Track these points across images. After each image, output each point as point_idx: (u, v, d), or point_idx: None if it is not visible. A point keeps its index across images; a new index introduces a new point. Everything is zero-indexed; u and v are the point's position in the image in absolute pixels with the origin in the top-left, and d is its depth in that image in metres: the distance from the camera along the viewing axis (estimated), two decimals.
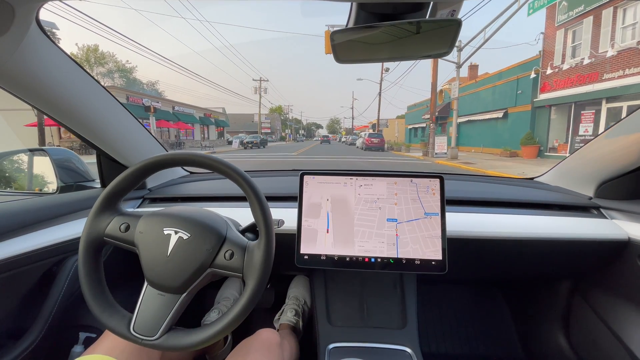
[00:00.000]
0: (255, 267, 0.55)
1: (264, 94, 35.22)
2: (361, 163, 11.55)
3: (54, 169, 1.08)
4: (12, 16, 0.51)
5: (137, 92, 21.34)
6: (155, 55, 37.44)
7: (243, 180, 0.57)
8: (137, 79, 34.60)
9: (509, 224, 0.87)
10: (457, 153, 12.44)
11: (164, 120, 19.90)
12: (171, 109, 22.19)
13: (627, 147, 0.81)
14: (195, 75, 36.96)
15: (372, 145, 20.59)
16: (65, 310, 0.76)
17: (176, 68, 30.21)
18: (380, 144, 20.86)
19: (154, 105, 18.01)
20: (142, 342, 0.54)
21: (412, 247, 0.75)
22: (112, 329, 0.55)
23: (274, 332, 0.80)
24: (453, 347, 1.26)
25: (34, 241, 0.71)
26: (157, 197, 1.05)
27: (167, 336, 0.54)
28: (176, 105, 23.20)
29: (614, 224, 0.86)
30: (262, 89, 35.08)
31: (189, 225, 0.58)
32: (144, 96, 20.14)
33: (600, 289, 0.95)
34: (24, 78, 0.64)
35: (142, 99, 18.86)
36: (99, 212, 0.59)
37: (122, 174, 0.59)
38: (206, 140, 26.70)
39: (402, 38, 0.52)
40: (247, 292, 0.54)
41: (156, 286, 0.56)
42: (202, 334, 0.54)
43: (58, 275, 0.76)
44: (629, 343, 0.81)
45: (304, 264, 0.77)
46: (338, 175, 0.80)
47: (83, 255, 0.57)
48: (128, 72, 33.26)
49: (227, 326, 0.54)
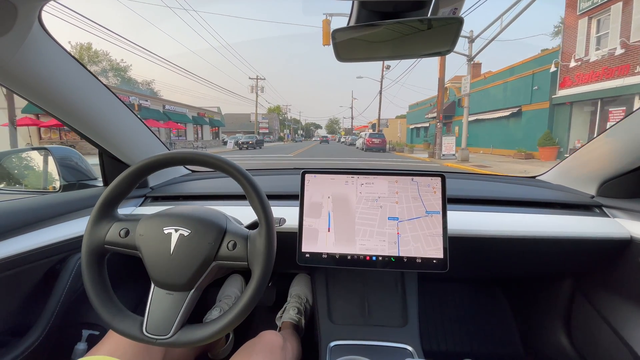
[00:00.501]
0: (259, 253, 0.56)
1: (260, 93, 34.54)
2: (363, 166, 11.30)
3: (57, 168, 1.09)
4: (14, 15, 0.51)
5: (124, 90, 20.71)
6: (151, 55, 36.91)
7: (237, 172, 0.57)
8: (132, 78, 33.98)
9: (510, 222, 0.87)
10: (468, 155, 11.69)
11: (153, 120, 18.98)
12: (161, 107, 20.85)
13: (630, 146, 0.80)
14: (191, 75, 36.54)
15: (373, 146, 19.80)
16: (69, 308, 0.77)
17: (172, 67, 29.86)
18: (382, 144, 19.97)
19: (141, 104, 17.45)
20: (157, 341, 0.54)
21: (413, 245, 0.75)
22: (125, 333, 0.55)
23: (277, 334, 0.80)
24: (454, 345, 1.26)
25: (37, 239, 0.71)
26: (159, 195, 1.05)
27: (181, 333, 0.55)
28: (167, 104, 21.93)
29: (616, 223, 0.86)
30: (259, 87, 34.31)
31: (188, 222, 0.58)
32: (132, 94, 19.33)
33: (602, 288, 0.95)
34: (27, 77, 0.64)
35: (130, 97, 18.12)
36: (96, 221, 0.59)
37: (116, 180, 0.59)
38: (199, 140, 25.51)
39: (403, 36, 0.52)
40: (254, 278, 0.55)
41: (163, 286, 0.57)
42: (215, 325, 0.55)
43: (61, 273, 0.76)
44: (631, 341, 0.81)
45: (306, 262, 0.77)
46: (339, 174, 0.80)
47: (86, 266, 0.57)
48: (122, 71, 32.71)
49: (239, 314, 0.54)
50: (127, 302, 0.60)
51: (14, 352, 0.67)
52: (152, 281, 0.57)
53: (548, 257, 0.92)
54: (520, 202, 0.95)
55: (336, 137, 70.43)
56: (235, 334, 1.13)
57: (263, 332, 0.78)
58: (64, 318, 0.75)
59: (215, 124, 29.81)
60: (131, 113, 0.94)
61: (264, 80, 35.41)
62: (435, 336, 1.29)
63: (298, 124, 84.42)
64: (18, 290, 0.71)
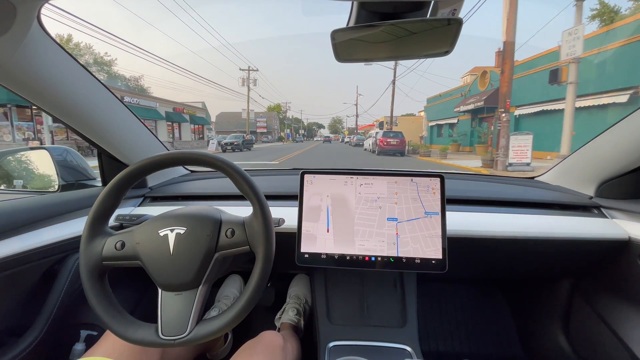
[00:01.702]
0: (259, 233, 0.56)
1: (253, 86, 31.05)
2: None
3: (55, 167, 1.09)
4: (13, 15, 0.51)
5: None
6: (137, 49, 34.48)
7: (230, 167, 0.58)
8: (118, 74, 31.62)
9: (509, 223, 0.87)
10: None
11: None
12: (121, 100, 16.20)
13: (628, 147, 0.80)
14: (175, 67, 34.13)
15: (388, 148, 15.23)
16: (67, 308, 0.76)
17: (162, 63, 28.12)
18: (400, 145, 15.23)
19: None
20: (175, 342, 0.54)
21: (412, 246, 0.75)
22: (142, 341, 0.54)
23: (277, 334, 0.80)
24: (453, 346, 1.27)
25: (35, 239, 0.71)
26: (157, 195, 1.05)
27: (197, 329, 0.55)
28: (132, 96, 17.80)
29: (615, 224, 0.86)
30: (252, 80, 31.11)
31: (182, 220, 0.58)
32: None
33: (600, 289, 0.95)
34: (25, 77, 0.64)
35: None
36: (89, 239, 0.58)
37: (104, 192, 0.58)
38: (177, 140, 21.61)
39: (403, 37, 0.52)
40: (259, 259, 0.56)
41: (170, 288, 0.56)
42: (229, 313, 0.55)
43: (59, 274, 0.76)
44: (629, 343, 0.81)
45: (305, 262, 0.77)
46: (338, 174, 0.80)
47: (89, 285, 0.56)
48: (106, 65, 30.66)
49: (250, 300, 0.55)
50: (123, 306, 0.59)
51: (11, 353, 0.67)
52: (158, 286, 0.57)
53: (546, 258, 0.92)
54: (519, 203, 0.96)
55: (339, 137, 68.77)
56: (234, 334, 1.13)
57: (263, 332, 0.78)
58: (62, 318, 0.75)
59: (197, 121, 25.35)
60: (130, 113, 0.94)
61: (256, 72, 32.33)
62: (434, 337, 1.29)
63: (299, 123, 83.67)
64: (16, 290, 0.70)
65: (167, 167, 0.60)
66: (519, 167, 8.02)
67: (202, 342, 0.55)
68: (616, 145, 0.84)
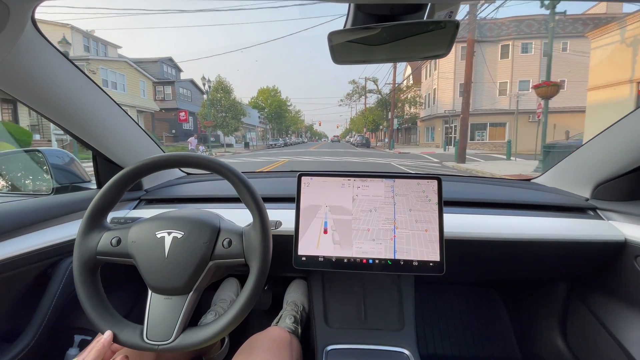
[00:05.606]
0: (256, 247, 0.55)
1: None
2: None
3: (50, 170, 1.08)
4: (7, 15, 0.51)
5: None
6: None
7: (229, 171, 0.57)
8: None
9: (506, 225, 0.87)
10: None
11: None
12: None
13: (624, 148, 0.81)
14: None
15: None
16: (60, 313, 0.75)
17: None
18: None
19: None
20: (159, 347, 0.53)
21: (409, 248, 0.75)
22: (125, 343, 0.54)
23: (284, 330, 0.80)
24: (451, 349, 1.26)
25: (28, 242, 0.70)
26: (153, 198, 1.04)
27: (182, 336, 0.54)
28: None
29: (611, 225, 0.86)
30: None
31: (181, 224, 0.57)
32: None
33: (597, 290, 0.96)
34: (19, 78, 0.63)
35: None
36: (86, 232, 0.57)
37: (104, 188, 0.58)
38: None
39: (400, 39, 0.52)
40: (253, 273, 0.55)
41: (160, 291, 0.56)
42: (216, 325, 0.54)
43: (53, 277, 0.75)
44: (626, 344, 0.81)
45: (302, 265, 0.77)
46: (336, 177, 0.80)
47: (80, 279, 0.56)
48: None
49: (241, 311, 0.54)
50: (119, 308, 0.59)
51: (4, 358, 0.66)
52: (149, 287, 0.56)
53: (543, 260, 0.92)
54: (516, 205, 0.96)
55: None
56: (231, 338, 1.12)
57: (270, 327, 0.78)
58: (55, 323, 0.74)
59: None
60: (125, 115, 0.93)
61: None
62: (431, 339, 1.28)
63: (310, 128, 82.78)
64: (9, 294, 0.69)
65: (171, 167, 0.59)
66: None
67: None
68: (612, 147, 0.85)
